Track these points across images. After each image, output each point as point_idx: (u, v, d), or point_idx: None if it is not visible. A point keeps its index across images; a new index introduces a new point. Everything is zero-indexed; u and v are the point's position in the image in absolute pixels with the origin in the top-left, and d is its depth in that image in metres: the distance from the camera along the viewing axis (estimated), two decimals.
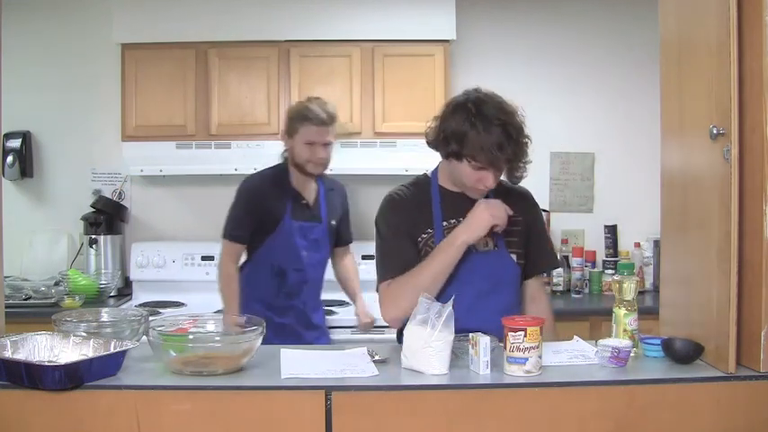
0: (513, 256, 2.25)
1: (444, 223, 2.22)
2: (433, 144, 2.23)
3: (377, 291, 2.24)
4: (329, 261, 3.32)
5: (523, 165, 2.16)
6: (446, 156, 2.19)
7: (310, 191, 3.19)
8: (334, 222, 3.25)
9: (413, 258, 2.17)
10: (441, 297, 2.02)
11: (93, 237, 3.98)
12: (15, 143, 4.01)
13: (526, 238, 2.29)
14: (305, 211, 3.15)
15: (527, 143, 2.13)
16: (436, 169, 2.31)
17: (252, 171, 3.31)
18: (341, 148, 3.81)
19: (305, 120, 3.05)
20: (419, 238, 2.21)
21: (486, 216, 2.12)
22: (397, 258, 2.19)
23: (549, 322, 2.30)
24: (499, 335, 1.86)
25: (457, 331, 1.89)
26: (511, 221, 2.19)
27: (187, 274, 3.94)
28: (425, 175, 2.34)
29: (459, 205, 2.22)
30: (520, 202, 2.32)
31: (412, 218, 2.23)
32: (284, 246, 3.10)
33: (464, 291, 2.13)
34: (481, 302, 2.16)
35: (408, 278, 2.13)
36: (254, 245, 3.14)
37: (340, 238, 3.38)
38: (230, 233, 3.10)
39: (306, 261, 3.14)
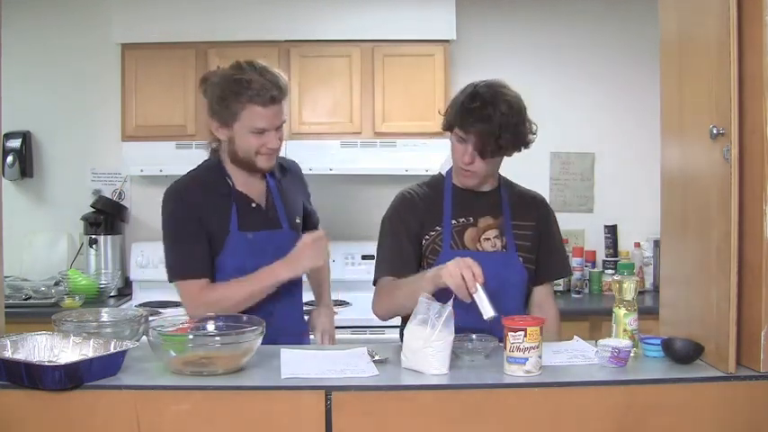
0: (521, 259, 2.26)
1: (453, 221, 2.23)
2: (443, 123, 2.27)
3: (373, 284, 2.28)
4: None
5: (499, 148, 2.14)
6: (443, 126, 2.24)
7: (258, 189, 2.41)
8: (299, 220, 2.48)
9: (409, 260, 2.22)
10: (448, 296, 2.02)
11: (93, 237, 3.98)
12: (15, 143, 4.01)
13: (537, 243, 2.29)
14: (257, 216, 2.37)
15: (513, 128, 2.12)
16: (452, 167, 2.32)
17: None
18: (341, 148, 3.82)
19: (248, 100, 2.23)
20: (427, 236, 2.23)
21: (450, 270, 1.92)
22: (391, 259, 2.24)
23: (555, 328, 2.31)
24: (502, 335, 1.86)
25: (460, 330, 1.90)
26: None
27: None
28: (441, 174, 2.37)
29: (471, 203, 2.23)
30: (533, 207, 2.33)
31: (420, 217, 2.25)
32: (237, 268, 2.29)
33: None
34: None
35: (392, 288, 2.18)
36: None
37: (307, 222, 2.58)
38: (184, 271, 2.29)
39: None
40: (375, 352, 2.00)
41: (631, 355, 1.90)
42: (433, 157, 3.66)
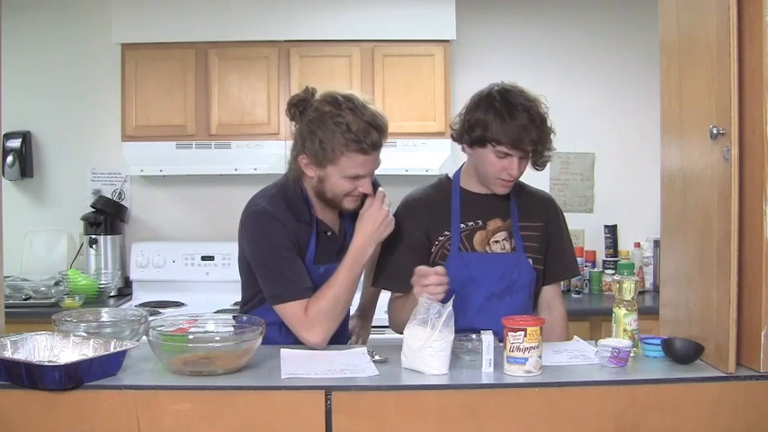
0: (530, 260, 2.25)
1: (462, 225, 2.22)
2: (457, 135, 2.20)
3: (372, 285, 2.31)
4: None
5: (548, 152, 2.18)
6: (470, 143, 2.16)
7: (332, 214, 2.25)
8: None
9: (408, 274, 2.07)
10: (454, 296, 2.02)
11: (93, 237, 3.98)
12: (15, 143, 4.01)
13: (546, 243, 2.29)
14: (331, 245, 2.22)
15: (550, 129, 2.17)
16: (459, 170, 2.31)
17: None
18: None
19: (346, 146, 2.06)
20: (436, 241, 2.21)
21: (415, 291, 1.99)
22: (390, 274, 2.23)
23: (562, 331, 2.30)
24: (502, 335, 1.86)
25: (468, 331, 1.89)
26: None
27: (187, 274, 3.94)
28: (447, 176, 2.34)
29: (480, 206, 2.22)
30: (542, 207, 2.32)
31: (425, 225, 2.23)
32: None
33: (477, 291, 2.14)
34: (493, 303, 2.16)
35: (398, 309, 2.18)
36: (254, 303, 2.24)
37: None
38: (283, 295, 2.08)
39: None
40: (375, 352, 2.00)
41: (631, 355, 1.90)
42: (433, 157, 3.66)
